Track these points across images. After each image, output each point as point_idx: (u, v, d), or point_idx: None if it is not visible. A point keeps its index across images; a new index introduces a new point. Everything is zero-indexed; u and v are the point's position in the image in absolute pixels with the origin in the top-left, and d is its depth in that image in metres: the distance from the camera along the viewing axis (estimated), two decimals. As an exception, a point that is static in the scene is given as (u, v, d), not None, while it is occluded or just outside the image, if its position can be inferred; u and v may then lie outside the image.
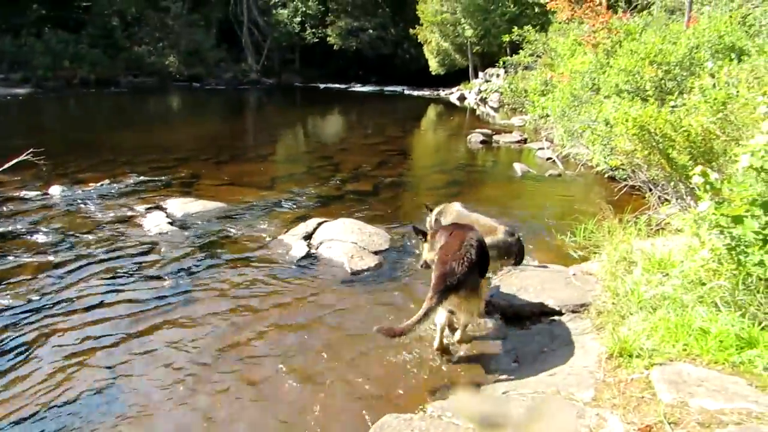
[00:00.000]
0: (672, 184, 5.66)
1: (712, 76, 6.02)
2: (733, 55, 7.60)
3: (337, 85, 39.41)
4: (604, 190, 8.64)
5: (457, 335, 4.05)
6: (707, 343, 2.84)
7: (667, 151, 5.31)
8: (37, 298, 4.70)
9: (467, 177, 10.68)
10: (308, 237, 6.23)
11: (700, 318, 3.02)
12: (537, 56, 18.48)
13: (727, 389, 2.48)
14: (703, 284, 3.28)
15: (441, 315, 3.75)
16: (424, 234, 4.41)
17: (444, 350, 3.90)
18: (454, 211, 5.35)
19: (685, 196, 5.51)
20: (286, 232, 6.45)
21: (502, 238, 4.83)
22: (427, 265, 4.30)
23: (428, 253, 4.28)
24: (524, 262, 5.22)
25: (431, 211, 5.57)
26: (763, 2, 11.15)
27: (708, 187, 3.24)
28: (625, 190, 7.63)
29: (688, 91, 6.68)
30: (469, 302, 3.75)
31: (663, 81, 7.81)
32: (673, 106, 5.71)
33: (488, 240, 4.38)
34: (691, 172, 3.54)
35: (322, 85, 39.64)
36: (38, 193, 7.94)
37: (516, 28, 18.54)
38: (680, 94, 6.64)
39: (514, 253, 4.92)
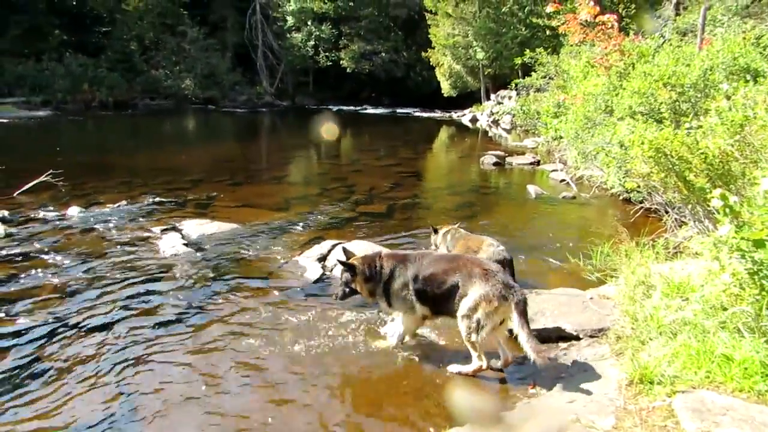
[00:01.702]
0: (689, 206, 5.59)
1: (728, 98, 5.97)
2: (748, 77, 7.56)
3: (350, 107, 39.85)
4: (619, 212, 8.57)
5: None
6: (731, 370, 2.78)
7: (684, 174, 5.25)
8: (54, 318, 4.74)
9: (481, 199, 10.69)
10: (323, 259, 6.23)
11: (722, 344, 2.96)
12: (549, 78, 18.53)
13: (753, 419, 2.42)
14: (725, 309, 3.22)
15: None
16: (353, 269, 4.25)
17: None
18: (461, 232, 5.66)
19: (703, 219, 5.44)
20: (301, 253, 6.46)
21: (492, 249, 5.08)
22: (343, 295, 4.30)
23: (366, 284, 4.22)
24: (539, 285, 5.19)
25: (436, 232, 5.82)
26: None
27: (728, 210, 3.20)
28: (640, 212, 7.57)
29: (703, 113, 6.64)
30: None
31: (677, 103, 7.76)
32: (688, 128, 5.66)
33: (481, 254, 4.94)
34: (708, 195, 3.50)
35: (335, 107, 40.09)
36: (57, 213, 8.06)
37: (528, 50, 18.63)
38: (695, 116, 6.60)
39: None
